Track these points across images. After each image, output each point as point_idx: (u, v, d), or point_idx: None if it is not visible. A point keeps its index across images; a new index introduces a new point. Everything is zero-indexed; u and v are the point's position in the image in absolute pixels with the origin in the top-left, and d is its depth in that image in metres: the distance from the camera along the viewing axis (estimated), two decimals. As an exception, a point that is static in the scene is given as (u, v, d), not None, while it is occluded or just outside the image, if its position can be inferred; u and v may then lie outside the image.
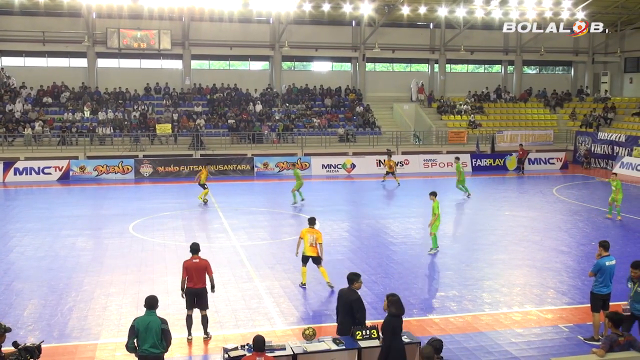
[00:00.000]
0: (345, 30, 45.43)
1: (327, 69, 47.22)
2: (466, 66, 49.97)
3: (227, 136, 38.92)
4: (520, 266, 17.47)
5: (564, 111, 46.94)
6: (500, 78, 49.93)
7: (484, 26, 44.79)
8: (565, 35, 48.07)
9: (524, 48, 48.28)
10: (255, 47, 43.80)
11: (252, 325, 12.79)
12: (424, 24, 46.53)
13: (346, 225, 22.85)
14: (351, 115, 42.78)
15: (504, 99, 47.77)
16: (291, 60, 46.32)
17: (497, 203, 27.87)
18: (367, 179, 34.90)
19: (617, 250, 17.65)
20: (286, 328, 12.74)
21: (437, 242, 18.78)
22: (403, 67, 48.88)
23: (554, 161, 39.66)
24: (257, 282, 15.71)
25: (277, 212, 25.31)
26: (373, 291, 14.99)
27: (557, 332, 12.54)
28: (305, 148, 38.15)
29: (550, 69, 52.67)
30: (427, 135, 41.74)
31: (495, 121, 44.16)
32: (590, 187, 32.65)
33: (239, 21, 41.28)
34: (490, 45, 47.67)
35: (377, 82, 46.52)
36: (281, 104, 43.24)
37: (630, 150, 37.66)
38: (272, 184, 33.34)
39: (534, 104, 47.81)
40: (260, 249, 19.18)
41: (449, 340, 11.86)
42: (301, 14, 40.03)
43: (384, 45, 44.36)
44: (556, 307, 14.04)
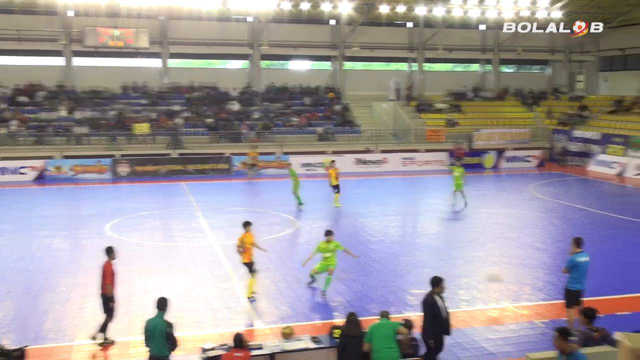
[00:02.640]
0: (324, 29, 45.44)
1: (306, 68, 47.21)
2: (444, 65, 50.25)
3: (206, 135, 38.75)
4: (497, 263, 17.65)
5: (540, 109, 47.37)
6: (478, 77, 50.30)
7: (462, 25, 45.05)
8: (541, 35, 48.66)
9: (501, 47, 48.65)
10: (234, 46, 43.64)
11: (230, 324, 12.78)
12: (403, 23, 46.67)
13: (325, 223, 22.88)
14: (330, 114, 42.83)
15: (481, 97, 48.13)
16: (270, 59, 46.23)
17: (474, 200, 28.05)
18: (345, 177, 34.95)
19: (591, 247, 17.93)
20: (264, 327, 12.76)
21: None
22: (382, 66, 48.99)
23: (530, 159, 40.09)
24: (235, 281, 15.69)
25: (255, 211, 25.27)
26: (351, 289, 15.07)
27: (532, 328, 12.70)
28: (284, 147, 38.12)
29: (527, 68, 53.17)
30: (406, 133, 41.93)
31: (473, 119, 44.46)
32: (566, 185, 33.04)
33: (218, 20, 41.08)
34: (468, 44, 47.98)
35: (356, 81, 46.59)
36: (260, 102, 43.14)
37: (605, 148, 38.19)
38: (251, 183, 33.28)
39: (511, 103, 48.21)
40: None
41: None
42: (280, 12, 39.95)
43: (363, 44, 44.45)
44: (532, 303, 14.22)
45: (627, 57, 47.94)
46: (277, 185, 32.19)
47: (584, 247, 12.29)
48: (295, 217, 23.68)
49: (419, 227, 23.19)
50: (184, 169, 35.33)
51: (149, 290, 14.61)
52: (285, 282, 15.71)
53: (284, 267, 17.01)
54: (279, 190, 30.69)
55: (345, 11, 40.16)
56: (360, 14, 42.29)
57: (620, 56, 48.41)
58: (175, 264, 17.30)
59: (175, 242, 20.08)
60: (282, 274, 16.30)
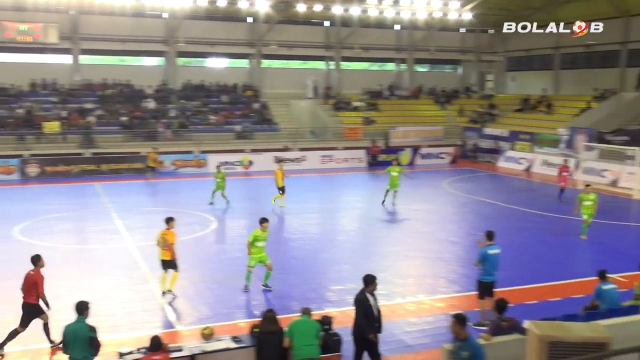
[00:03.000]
0: (241, 26, 45.16)
1: (223, 66, 46.78)
2: (361, 64, 51.01)
3: (120, 134, 37.71)
4: (414, 257, 18.11)
5: (452, 108, 48.94)
6: (393, 75, 51.36)
7: (377, 25, 45.85)
8: (453, 35, 50.30)
9: (415, 47, 49.88)
10: (149, 42, 42.67)
11: (148, 327, 12.52)
12: (320, 21, 47.06)
13: (244, 222, 22.80)
14: (248, 112, 42.63)
15: (396, 95, 49.18)
16: (186, 56, 45.52)
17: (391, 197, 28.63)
18: (264, 175, 34.90)
19: (502, 240, 18.67)
20: (184, 329, 12.58)
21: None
22: (300, 64, 49.22)
23: (443, 156, 41.31)
24: (152, 283, 15.38)
25: (174, 212, 24.75)
26: (272, 287, 15.06)
27: (448, 320, 13.07)
28: (201, 145, 37.63)
29: (440, 67, 54.78)
30: (324, 131, 42.29)
31: (388, 117, 45.37)
32: (478, 180, 34.26)
33: (132, 15, 39.97)
34: (384, 43, 48.92)
35: (274, 79, 46.57)
36: (176, 100, 42.40)
37: (513, 145, 39.90)
38: (168, 182, 32.66)
39: (425, 101, 49.54)
40: (156, 249, 18.71)
41: (347, 332, 12.12)
42: (196, 9, 39.39)
43: (280, 42, 44.50)
44: (447, 296, 14.69)
45: (532, 58, 50.27)
46: (194, 185, 31.76)
47: (495, 239, 12.80)
48: (213, 217, 23.43)
49: (338, 224, 23.46)
50: (97, 169, 34.24)
51: (62, 294, 14.08)
52: (204, 282, 15.54)
53: (202, 267, 16.81)
54: (197, 189, 30.30)
55: (263, 9, 40.07)
56: (278, 12, 42.30)
57: (526, 57, 50.71)
58: (90, 267, 16.77)
59: (90, 245, 19.47)
60: (201, 274, 16.11)
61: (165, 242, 14.43)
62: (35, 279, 11.35)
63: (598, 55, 44.26)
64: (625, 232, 20.92)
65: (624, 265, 16.37)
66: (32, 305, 11.39)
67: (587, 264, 16.59)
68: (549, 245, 19.43)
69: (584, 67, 45.55)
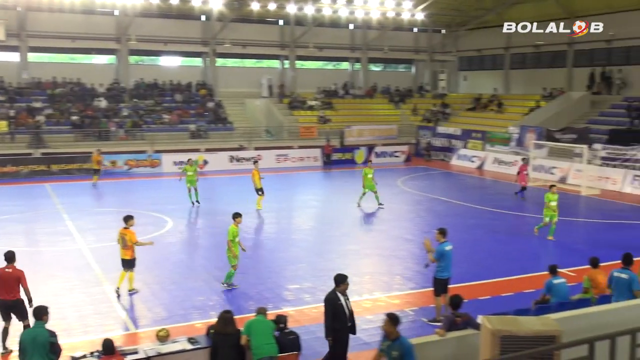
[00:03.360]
0: (195, 24, 44.70)
1: (176, 64, 46.24)
2: (315, 63, 51.10)
3: (71, 133, 36.91)
4: (370, 255, 18.27)
5: (406, 106, 49.48)
6: (347, 75, 51.62)
7: (331, 24, 45.98)
8: (406, 35, 50.84)
9: (369, 46, 50.22)
10: (100, 40, 41.81)
11: (102, 330, 12.31)
12: (275, 20, 46.96)
13: (200, 222, 22.62)
14: (202, 111, 42.25)
15: (351, 95, 49.46)
16: (139, 54, 44.81)
17: (347, 195, 28.81)
18: (220, 175, 34.70)
19: (456, 237, 18.94)
20: (139, 331, 12.42)
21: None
22: (254, 63, 49.04)
23: (398, 154, 41.73)
24: (106, 285, 15.12)
25: (127, 212, 24.37)
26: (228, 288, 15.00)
27: (403, 316, 13.22)
28: (155, 145, 37.14)
29: (394, 67, 55.30)
30: (279, 130, 42.24)
31: (343, 116, 45.60)
32: (431, 178, 34.74)
33: (82, 12, 39.09)
34: (338, 42, 49.12)
35: (229, 78, 46.25)
36: (129, 99, 41.72)
37: (466, 143, 40.59)
38: (120, 183, 32.14)
39: (379, 100, 49.96)
40: (109, 250, 18.40)
41: (304, 331, 12.15)
42: (148, 6, 38.83)
43: (234, 41, 44.22)
44: (402, 293, 14.86)
45: (484, 58, 51.23)
46: (148, 184, 31.37)
47: (448, 236, 13.01)
48: (168, 217, 23.16)
49: (294, 223, 23.48)
50: (47, 169, 33.45)
51: (11, 299, 13.74)
52: (159, 283, 15.36)
53: (157, 268, 16.60)
54: (151, 189, 29.95)
55: (216, 7, 39.74)
56: (231, 10, 42.03)
57: (477, 57, 51.64)
58: (40, 270, 16.35)
59: (40, 247, 19.01)
60: (156, 276, 15.91)
61: (124, 241, 14.33)
62: (18, 275, 11.28)
63: (546, 55, 45.37)
64: (574, 228, 21.51)
65: (573, 260, 16.87)
66: (12, 302, 11.22)
67: (538, 260, 17.01)
68: (502, 242, 19.85)
69: (533, 67, 46.63)
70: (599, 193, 29.18)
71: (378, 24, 46.77)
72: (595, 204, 26.54)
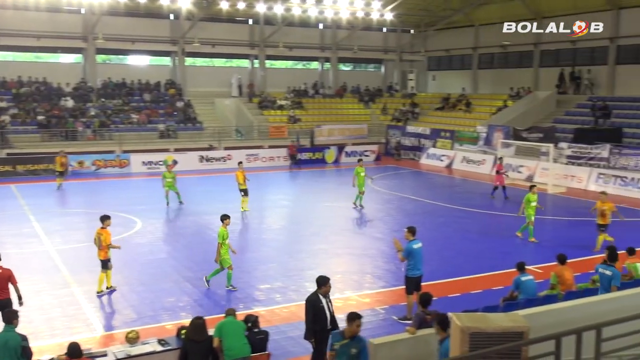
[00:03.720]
0: (163, 23, 44.28)
1: (145, 63, 45.75)
2: (285, 62, 51.04)
3: (37, 133, 36.28)
4: (340, 254, 18.33)
5: (376, 106, 49.73)
6: (317, 74, 51.66)
7: (301, 24, 45.95)
8: (376, 35, 51.09)
9: (338, 46, 50.32)
10: (66, 39, 41.13)
11: (70, 333, 12.14)
12: (244, 19, 46.78)
13: (169, 222, 22.45)
14: (172, 111, 41.89)
15: (321, 94, 49.52)
16: (106, 53, 44.20)
17: (317, 195, 28.89)
18: (189, 175, 34.44)
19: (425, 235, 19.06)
20: (108, 333, 12.28)
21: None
22: (223, 62, 48.80)
23: (368, 153, 41.89)
24: (74, 287, 14.92)
25: (95, 213, 24.04)
26: (199, 288, 14.92)
27: (374, 315, 13.36)
28: (123, 145, 36.71)
29: (363, 66, 55.51)
30: (249, 130, 42.10)
31: (314, 116, 45.64)
32: (401, 177, 34.97)
33: (47, 10, 38.42)
34: (308, 42, 49.11)
35: (198, 77, 45.93)
36: (96, 99, 41.16)
37: (435, 142, 40.95)
38: (88, 183, 31.71)
39: (349, 99, 50.11)
40: (77, 252, 18.22)
41: (275, 331, 12.16)
42: (115, 4, 38.32)
43: (203, 40, 43.92)
44: (373, 291, 14.95)
45: (452, 58, 51.73)
46: (116, 185, 31.01)
47: (418, 235, 13.11)
48: (137, 217, 22.93)
49: (264, 223, 23.43)
50: (13, 170, 32.85)
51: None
52: (128, 285, 15.20)
53: (126, 270, 16.41)
54: (119, 189, 29.61)
55: (185, 6, 39.42)
56: (200, 9, 41.76)
57: (445, 56, 52.11)
58: (6, 273, 16.07)
59: (5, 249, 18.60)
60: (125, 277, 15.73)
61: (99, 241, 14.35)
62: (9, 274, 11.30)
63: (513, 55, 45.98)
64: (541, 226, 21.82)
65: (540, 257, 17.16)
66: (3, 301, 11.06)
67: (506, 257, 17.22)
68: (471, 240, 20.07)
69: (500, 67, 47.20)
70: (565, 191, 29.69)
71: (347, 24, 46.90)
72: (562, 202, 27.00)
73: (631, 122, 34.82)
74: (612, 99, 37.38)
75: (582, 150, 31.72)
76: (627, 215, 24.78)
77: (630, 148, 30.71)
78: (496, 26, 43.40)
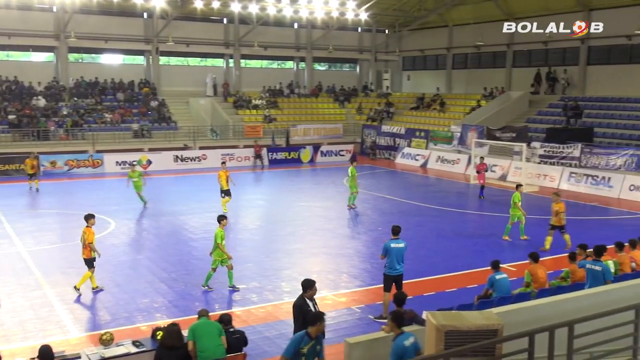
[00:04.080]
0: (137, 22, 43.87)
1: (118, 62, 45.28)
2: (260, 62, 50.93)
3: (8, 133, 35.70)
4: (317, 254, 18.34)
5: (351, 106, 49.87)
6: (293, 74, 51.62)
7: (276, 23, 45.87)
8: (351, 34, 51.23)
9: (314, 45, 50.34)
10: (38, 37, 40.53)
11: (42, 335, 11.99)
12: (218, 18, 46.55)
13: (144, 223, 22.27)
14: (146, 110, 41.53)
15: (296, 94, 49.50)
16: (79, 52, 43.67)
17: (293, 194, 28.87)
18: (164, 174, 34.21)
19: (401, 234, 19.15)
20: (82, 335, 12.15)
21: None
22: (198, 62, 48.52)
23: (343, 153, 42.01)
24: (47, 289, 14.73)
25: (68, 214, 23.84)
26: (174, 289, 14.83)
27: (350, 314, 13.40)
28: (97, 145, 36.32)
29: (339, 66, 55.59)
30: (224, 129, 41.92)
31: (289, 115, 45.61)
32: (377, 177, 35.09)
33: (19, 8, 37.81)
34: (283, 41, 49.05)
35: (172, 76, 45.60)
36: (69, 98, 40.64)
37: (410, 142, 41.18)
38: (61, 184, 31.31)
39: (324, 99, 50.16)
40: (50, 253, 18.00)
41: (251, 331, 12.15)
42: (88, 3, 37.83)
43: (178, 39, 43.60)
44: (349, 290, 14.99)
45: (426, 58, 52.07)
46: (90, 185, 30.66)
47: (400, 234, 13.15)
48: (111, 218, 22.70)
49: (240, 223, 23.34)
50: (-18, 170, 32.32)
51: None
52: (102, 286, 15.04)
53: (100, 271, 16.18)
54: (93, 190, 29.29)
55: (159, 4, 39.12)
56: (174, 7, 41.48)
57: (420, 57, 52.43)
58: (-24, 275, 15.83)
59: (-25, 251, 18.35)
60: (99, 278, 15.52)
61: (84, 240, 14.43)
62: None
63: (487, 56, 46.42)
64: (515, 225, 22.07)
65: (514, 255, 17.37)
66: None
67: (481, 255, 17.40)
68: (446, 239, 20.23)
69: (474, 67, 47.63)
70: (538, 190, 30.08)
71: (322, 24, 46.94)
72: (535, 201, 27.30)
73: (602, 122, 35.41)
74: (583, 99, 37.94)
75: (554, 149, 32.16)
76: (599, 213, 25.23)
77: (601, 147, 31.23)
78: (470, 27, 43.85)
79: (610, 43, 37.88)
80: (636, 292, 9.50)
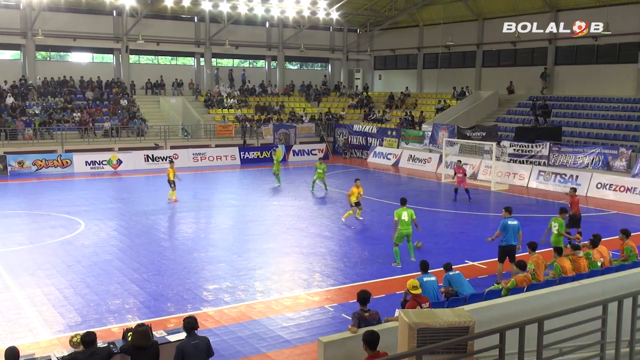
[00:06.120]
0: (106, 19, 43.33)
1: (87, 60, 44.67)
2: (232, 60, 50.70)
3: (-27, 132, 35.07)
4: (289, 253, 18.33)
5: (323, 105, 49.93)
6: (264, 73, 51.50)
7: (247, 22, 45.72)
8: (322, 34, 51.30)
9: (285, 44, 50.29)
10: (4, 35, 39.83)
11: (11, 339, 11.78)
12: (189, 17, 46.23)
13: (114, 223, 22.02)
14: (116, 109, 41.06)
15: (268, 93, 49.39)
16: (46, 50, 43.01)
17: (265, 194, 28.81)
18: (134, 174, 33.87)
19: (373, 234, 19.38)
20: (51, 337, 11.97)
21: None
22: (169, 60, 48.12)
23: (316, 152, 42.04)
24: (15, 291, 14.49)
25: (36, 214, 23.47)
26: (145, 290, 14.70)
27: (323, 313, 13.43)
28: (65, 144, 35.80)
29: (310, 65, 55.62)
30: (196, 129, 41.66)
31: (261, 115, 45.44)
32: (349, 176, 35.16)
33: (-17, 5, 37.22)
34: (255, 40, 48.90)
35: (143, 75, 45.17)
36: (37, 97, 39.98)
37: (381, 141, 41.39)
38: (29, 184, 30.81)
39: (296, 98, 50.15)
40: (17, 255, 17.69)
41: (224, 331, 12.12)
42: (56, 0, 37.32)
43: (148, 37, 43.18)
44: (322, 289, 15.01)
45: (397, 57, 52.38)
46: (59, 185, 30.23)
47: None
48: (80, 219, 22.41)
49: (212, 223, 23.24)
50: (-53, 170, 31.67)
51: None
52: (72, 287, 14.84)
53: (70, 272, 16.03)
54: (62, 190, 28.89)
55: (128, 2, 38.70)
56: (144, 5, 41.08)
57: (391, 56, 52.72)
58: (-58, 278, 15.50)
59: (-59, 253, 17.97)
60: (69, 280, 15.36)
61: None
62: None
63: (457, 56, 46.86)
64: (484, 223, 22.36)
65: (484, 253, 17.55)
66: None
67: (451, 253, 17.55)
68: (418, 236, 20.33)
69: (444, 66, 48.07)
70: (507, 188, 30.47)
71: (294, 23, 46.94)
72: (504, 199, 27.66)
73: (569, 121, 36.01)
74: (552, 98, 38.55)
75: (524, 148, 32.60)
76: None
77: (569, 146, 31.76)
78: (440, 26, 44.20)
79: (576, 43, 38.52)
80: (603, 289, 9.69)
